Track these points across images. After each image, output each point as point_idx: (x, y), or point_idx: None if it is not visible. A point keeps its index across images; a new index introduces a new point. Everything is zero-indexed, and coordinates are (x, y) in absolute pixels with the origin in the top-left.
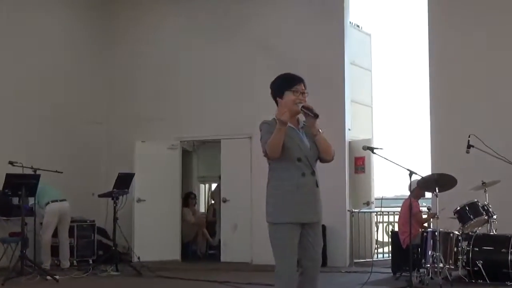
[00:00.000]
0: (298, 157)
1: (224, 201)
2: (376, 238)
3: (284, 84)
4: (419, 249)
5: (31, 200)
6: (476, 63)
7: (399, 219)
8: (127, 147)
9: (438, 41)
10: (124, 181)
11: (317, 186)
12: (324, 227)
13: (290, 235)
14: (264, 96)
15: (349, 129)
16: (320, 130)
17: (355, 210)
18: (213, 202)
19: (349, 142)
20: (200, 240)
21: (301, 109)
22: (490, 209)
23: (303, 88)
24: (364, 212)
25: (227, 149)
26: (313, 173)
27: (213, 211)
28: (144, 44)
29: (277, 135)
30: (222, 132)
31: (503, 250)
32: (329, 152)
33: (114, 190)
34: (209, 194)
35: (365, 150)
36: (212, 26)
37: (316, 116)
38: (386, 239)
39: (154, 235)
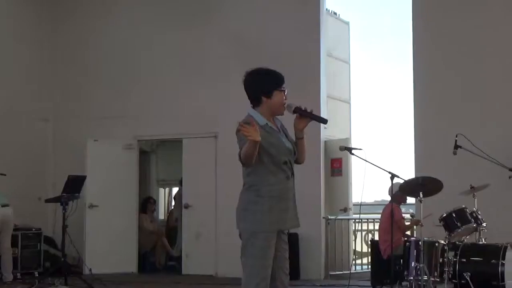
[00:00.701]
0: (285, 160)
1: (186, 207)
2: (354, 248)
3: (274, 83)
4: (401, 260)
5: None
6: (464, 57)
7: (379, 227)
8: (77, 146)
9: (423, 30)
10: (74, 185)
11: None
12: (296, 236)
13: (271, 243)
14: (231, 91)
15: (324, 128)
16: None
17: (331, 217)
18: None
19: (325, 142)
20: (159, 250)
21: (297, 112)
22: (479, 216)
23: None
24: (341, 219)
25: (189, 149)
26: (293, 175)
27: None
28: (98, 33)
29: (250, 149)
30: (184, 130)
31: (493, 261)
32: (305, 154)
33: (63, 194)
34: (170, 199)
35: (342, 150)
36: (175, 14)
37: (325, 121)
38: (365, 249)
39: (108, 244)
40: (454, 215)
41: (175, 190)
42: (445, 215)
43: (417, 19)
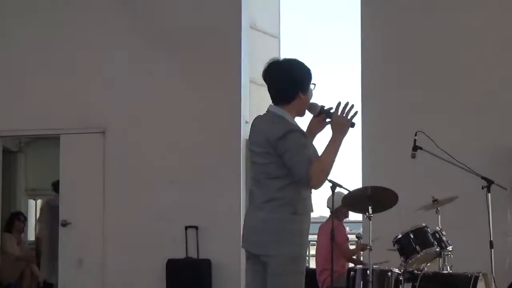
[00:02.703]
0: None
1: (64, 224)
2: None
3: (310, 76)
4: None
5: None
6: (424, 42)
7: (316, 251)
8: None
9: (373, 13)
10: None
11: None
12: (208, 262)
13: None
14: (126, 75)
15: (246, 122)
16: None
17: None
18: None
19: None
20: (28, 280)
21: (324, 114)
22: (444, 238)
23: None
24: None
25: (69, 148)
26: None
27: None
28: None
29: (335, 154)
30: (61, 124)
31: None
32: None
33: None
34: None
35: None
36: None
37: (353, 125)
38: None
39: None
40: (412, 236)
41: None
42: (400, 236)
43: None
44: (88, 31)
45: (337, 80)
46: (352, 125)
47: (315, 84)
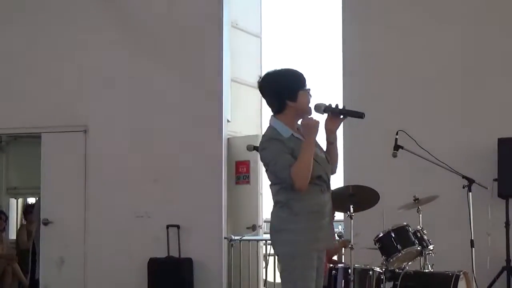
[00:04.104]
0: (319, 174)
1: (46, 223)
2: (264, 277)
3: (297, 83)
4: None
5: None
6: (403, 37)
7: None
8: None
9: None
10: None
11: None
12: (190, 261)
13: (312, 265)
14: (108, 74)
15: (228, 121)
16: None
17: (236, 238)
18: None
19: (228, 140)
20: (9, 279)
21: (329, 111)
22: (425, 237)
23: None
24: (249, 240)
25: (50, 147)
26: (329, 188)
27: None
28: None
29: (307, 155)
30: (43, 122)
31: None
32: (337, 163)
33: None
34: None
35: (251, 151)
36: None
37: (362, 115)
38: (278, 278)
39: None
40: (393, 235)
41: (31, 201)
42: (381, 235)
43: None
44: (71, 30)
45: (319, 79)
46: (362, 115)
47: (309, 88)
